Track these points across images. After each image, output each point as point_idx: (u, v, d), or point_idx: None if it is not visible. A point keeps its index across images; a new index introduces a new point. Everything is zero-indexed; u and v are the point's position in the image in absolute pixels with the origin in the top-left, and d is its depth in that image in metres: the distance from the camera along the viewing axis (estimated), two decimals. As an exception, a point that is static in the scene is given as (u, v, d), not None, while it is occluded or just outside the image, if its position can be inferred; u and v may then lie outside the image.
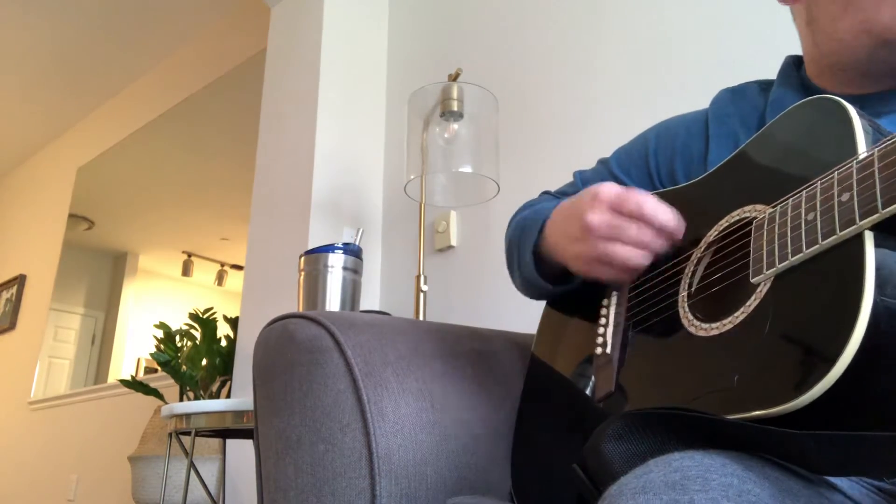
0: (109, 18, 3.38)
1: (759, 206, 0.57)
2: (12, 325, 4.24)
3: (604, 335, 0.69)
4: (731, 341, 0.52)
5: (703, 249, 0.62)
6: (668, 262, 0.66)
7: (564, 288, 0.80)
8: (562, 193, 0.95)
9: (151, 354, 2.17)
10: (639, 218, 0.64)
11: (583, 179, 0.93)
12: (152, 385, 2.26)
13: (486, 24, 2.07)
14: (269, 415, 0.77)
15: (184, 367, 2.11)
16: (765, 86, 0.81)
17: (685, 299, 0.61)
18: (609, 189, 0.66)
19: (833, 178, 0.48)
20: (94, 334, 3.62)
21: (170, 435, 1.69)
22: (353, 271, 1.56)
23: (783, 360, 0.46)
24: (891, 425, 0.42)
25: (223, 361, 2.16)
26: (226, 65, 3.19)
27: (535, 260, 0.79)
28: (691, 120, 0.85)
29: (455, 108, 1.71)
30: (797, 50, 0.79)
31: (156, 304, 3.49)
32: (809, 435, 0.41)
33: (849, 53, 0.67)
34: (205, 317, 2.17)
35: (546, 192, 0.99)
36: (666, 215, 0.64)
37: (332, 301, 1.51)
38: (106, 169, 3.94)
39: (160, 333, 2.19)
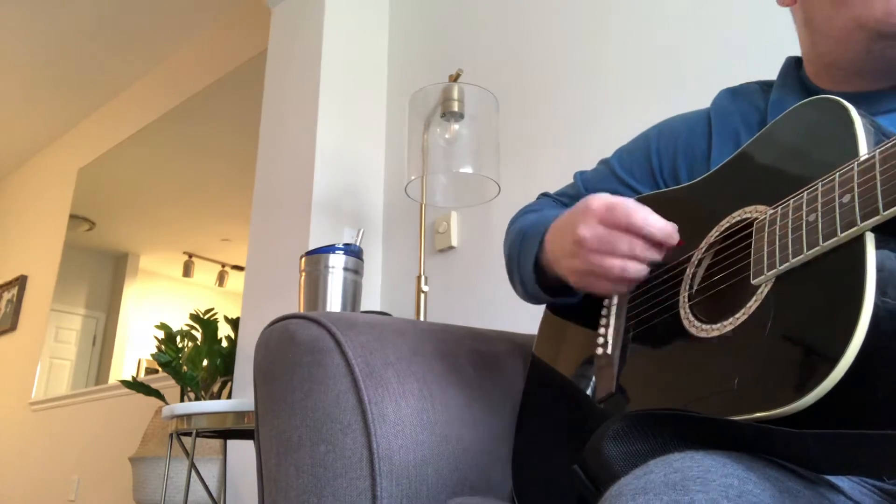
0: (110, 20, 3.38)
1: (760, 208, 0.57)
2: (13, 326, 4.24)
3: (605, 336, 0.69)
4: (731, 342, 0.52)
5: (703, 250, 0.62)
6: (668, 264, 0.66)
7: (566, 300, 0.80)
8: (562, 195, 0.95)
9: (152, 355, 2.17)
10: (628, 230, 0.63)
11: (583, 180, 0.93)
12: (153, 386, 2.26)
13: (487, 24, 2.07)
14: (270, 415, 0.77)
15: (185, 367, 2.11)
16: (765, 86, 0.81)
17: (686, 300, 0.61)
18: (599, 201, 0.65)
19: (834, 179, 0.48)
20: (95, 335, 3.62)
21: (171, 436, 1.69)
22: (354, 272, 1.56)
23: (784, 361, 0.46)
24: (892, 426, 0.42)
25: (224, 362, 2.16)
26: (226, 66, 3.20)
27: (536, 272, 0.79)
28: (693, 119, 0.85)
29: (456, 109, 1.71)
30: (797, 51, 0.79)
31: (157, 304, 3.50)
32: (810, 435, 0.41)
33: (844, 51, 0.67)
34: (206, 317, 2.17)
35: (545, 194, 0.99)
36: (656, 226, 0.63)
37: (333, 302, 1.51)
38: (107, 170, 3.95)
39: (161, 334, 2.19)
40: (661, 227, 0.63)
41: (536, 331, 0.87)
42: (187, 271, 3.28)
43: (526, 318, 0.93)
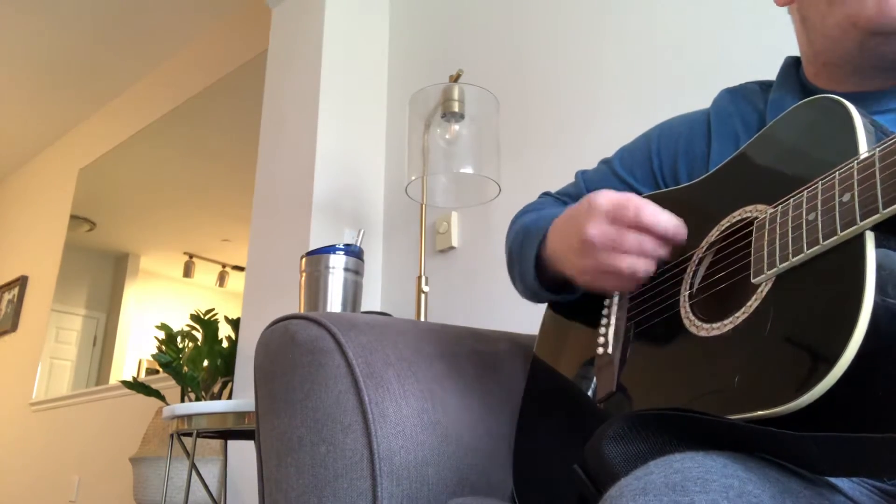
0: (111, 20, 3.38)
1: (760, 207, 0.57)
2: (14, 327, 4.24)
3: (605, 335, 0.69)
4: (732, 341, 0.52)
5: (704, 249, 0.62)
6: (669, 263, 0.66)
7: (567, 297, 0.80)
8: (563, 194, 0.95)
9: (153, 355, 2.18)
10: (637, 227, 0.63)
11: (585, 179, 0.93)
12: (154, 386, 2.26)
13: (487, 24, 2.07)
14: (271, 416, 0.77)
15: (185, 368, 2.11)
16: (765, 86, 0.81)
17: (686, 299, 0.61)
18: (605, 198, 0.65)
19: (834, 178, 0.48)
20: (96, 335, 3.62)
21: (171, 436, 1.69)
22: (355, 272, 1.55)
23: (784, 360, 0.46)
24: (891, 426, 0.42)
25: (224, 362, 2.16)
26: (227, 66, 3.20)
27: (536, 270, 0.79)
28: (693, 120, 0.85)
29: (456, 109, 1.71)
30: (797, 51, 0.79)
31: (157, 305, 3.49)
32: (810, 436, 0.41)
33: (840, 48, 0.67)
34: (206, 318, 2.17)
35: (546, 193, 0.99)
36: (665, 222, 0.63)
37: (334, 302, 1.51)
38: (107, 170, 3.95)
39: (161, 334, 2.19)
40: (671, 223, 0.63)
41: (537, 331, 0.87)
42: (188, 272, 3.28)
43: (526, 318, 0.93)
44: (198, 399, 2.13)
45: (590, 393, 0.68)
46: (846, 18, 0.65)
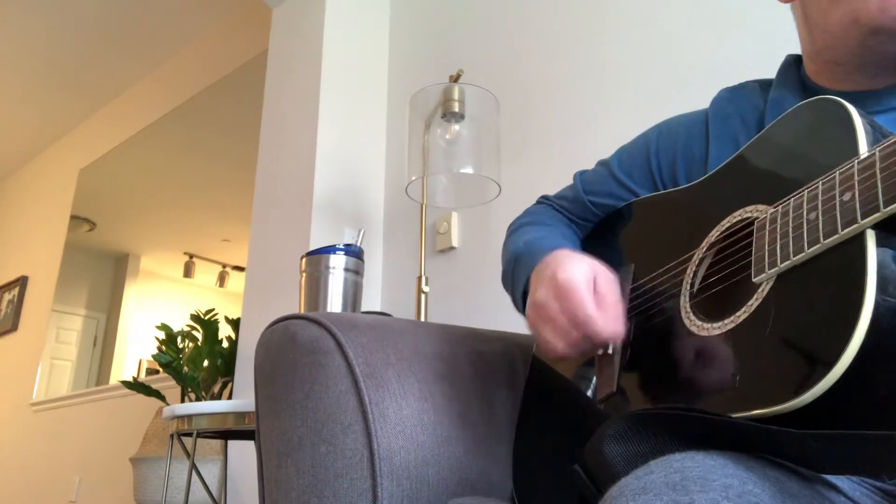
0: (111, 20, 3.38)
1: (760, 207, 0.57)
2: (14, 327, 4.24)
3: (605, 336, 0.69)
4: (733, 341, 0.52)
5: (704, 249, 0.62)
6: (669, 263, 0.66)
7: None
8: (561, 198, 0.95)
9: (153, 356, 2.17)
10: (572, 320, 0.64)
11: (583, 181, 0.93)
12: (154, 386, 2.26)
13: (488, 25, 2.07)
14: (271, 416, 0.77)
15: (185, 368, 2.10)
16: (764, 85, 0.81)
17: (687, 299, 0.61)
18: (564, 276, 0.65)
19: (835, 177, 0.48)
20: (96, 336, 3.62)
21: (171, 436, 1.69)
22: (355, 272, 1.55)
23: (785, 359, 0.46)
24: (892, 425, 0.42)
25: (225, 363, 2.16)
26: (227, 66, 3.20)
27: (524, 300, 0.80)
28: (692, 120, 0.85)
29: (456, 109, 1.71)
30: (797, 50, 0.79)
31: (157, 305, 3.50)
32: (810, 434, 0.41)
33: (841, 46, 0.67)
34: (206, 318, 2.17)
35: (544, 197, 0.99)
36: (596, 328, 0.62)
37: (334, 302, 1.51)
38: (108, 170, 3.95)
39: (162, 335, 2.19)
40: (601, 329, 0.62)
41: (537, 331, 0.87)
42: (188, 272, 3.28)
43: (526, 319, 0.93)
44: (198, 399, 2.13)
45: (589, 393, 0.68)
46: (848, 15, 0.65)
